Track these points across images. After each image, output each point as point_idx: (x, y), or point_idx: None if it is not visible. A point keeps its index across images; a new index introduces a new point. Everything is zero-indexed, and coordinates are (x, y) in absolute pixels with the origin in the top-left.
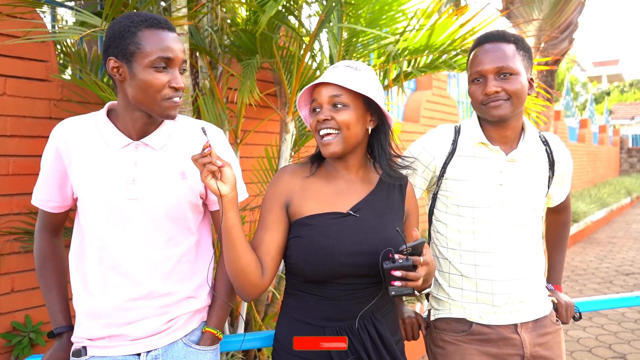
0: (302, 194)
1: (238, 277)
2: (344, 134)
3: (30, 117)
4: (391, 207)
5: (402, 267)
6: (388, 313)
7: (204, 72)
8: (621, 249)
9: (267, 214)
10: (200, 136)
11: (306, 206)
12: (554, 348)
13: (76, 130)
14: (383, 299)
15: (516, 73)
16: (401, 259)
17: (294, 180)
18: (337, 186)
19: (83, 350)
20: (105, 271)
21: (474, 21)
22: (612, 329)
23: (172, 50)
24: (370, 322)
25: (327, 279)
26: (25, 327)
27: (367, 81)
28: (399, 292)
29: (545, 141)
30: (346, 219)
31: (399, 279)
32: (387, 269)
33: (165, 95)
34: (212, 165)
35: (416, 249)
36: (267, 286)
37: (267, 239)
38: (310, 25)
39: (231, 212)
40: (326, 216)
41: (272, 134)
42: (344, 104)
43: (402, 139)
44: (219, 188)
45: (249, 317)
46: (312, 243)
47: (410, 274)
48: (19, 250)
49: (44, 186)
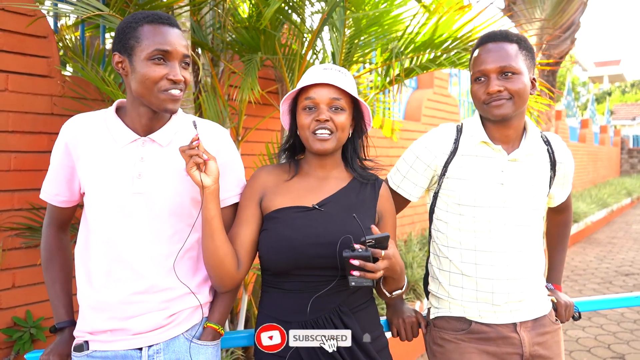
0: (274, 189)
1: (215, 267)
2: (339, 136)
3: (32, 113)
4: (360, 205)
5: (361, 257)
6: (363, 309)
7: (206, 69)
8: (621, 249)
9: (243, 210)
10: (208, 133)
11: (276, 201)
12: (553, 347)
13: (85, 126)
14: (354, 295)
15: (519, 73)
16: (361, 249)
17: (269, 177)
18: (309, 183)
19: (85, 345)
20: (110, 265)
21: (477, 20)
22: (611, 329)
23: (170, 44)
24: (337, 316)
25: (290, 269)
26: (26, 323)
27: (354, 87)
28: (359, 282)
29: (547, 141)
30: (311, 213)
31: (357, 269)
32: (345, 257)
33: (162, 86)
34: (197, 158)
35: (380, 242)
36: (242, 278)
37: (242, 233)
38: (312, 23)
39: (212, 204)
40: (292, 209)
41: (273, 131)
42: (342, 107)
43: (403, 138)
44: (201, 180)
45: (249, 314)
46: (276, 234)
47: (369, 264)
48: (20, 245)
49: (53, 181)
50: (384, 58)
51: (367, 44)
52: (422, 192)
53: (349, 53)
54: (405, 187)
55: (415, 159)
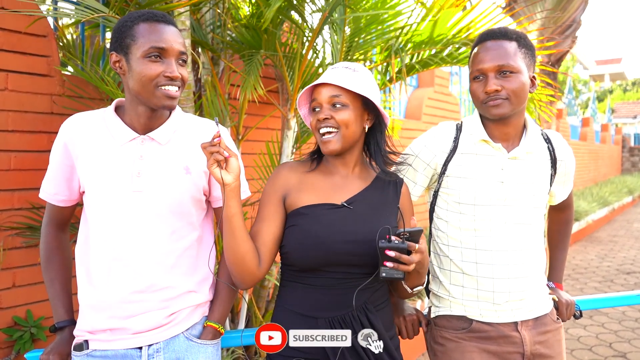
0: (299, 187)
1: (236, 264)
2: (343, 133)
3: (32, 112)
4: (385, 203)
5: (397, 249)
6: (383, 308)
7: (206, 68)
8: (622, 247)
9: (264, 207)
10: (207, 131)
11: (302, 198)
12: (554, 346)
13: (84, 125)
14: (377, 293)
15: (517, 71)
16: (397, 241)
17: (292, 174)
18: (334, 181)
19: (85, 344)
20: (110, 263)
21: (476, 13)
22: (613, 328)
23: (166, 41)
24: (364, 313)
25: (318, 266)
26: (27, 322)
27: (365, 82)
28: (390, 274)
29: (547, 139)
30: (340, 210)
31: (392, 260)
32: (382, 248)
33: (158, 83)
34: (218, 155)
35: (413, 235)
36: (263, 275)
37: (264, 230)
38: (312, 22)
39: (232, 201)
40: (320, 207)
41: (274, 130)
42: (343, 103)
43: (404, 137)
44: (222, 177)
45: (249, 314)
46: (305, 230)
47: (404, 256)
48: (20, 245)
49: (52, 180)
50: (383, 56)
51: (367, 42)
52: (422, 191)
53: (349, 52)
54: None
55: (415, 157)
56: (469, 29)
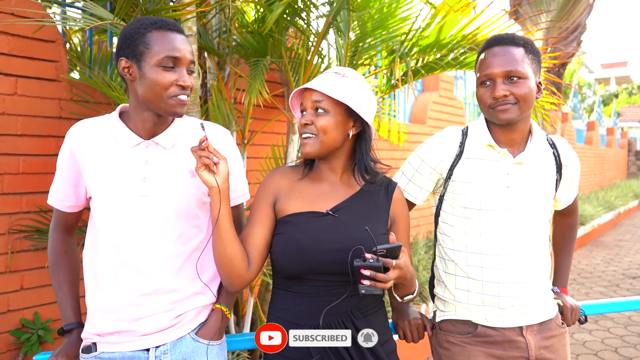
0: (287, 193)
1: (224, 266)
2: (321, 138)
3: (41, 116)
4: (373, 210)
5: (372, 267)
6: (373, 313)
7: (212, 73)
8: (628, 252)
9: (256, 210)
10: (211, 134)
11: (290, 205)
12: (560, 351)
13: (89, 131)
14: (366, 300)
15: (524, 77)
16: (372, 259)
17: (283, 180)
18: (321, 188)
19: (93, 347)
20: (117, 267)
21: (482, 19)
22: (619, 333)
23: (179, 50)
24: (349, 319)
25: (302, 274)
26: (34, 325)
27: (352, 88)
28: (369, 291)
29: (552, 144)
30: (325, 218)
31: (368, 279)
32: (356, 267)
33: (171, 92)
34: (206, 159)
35: (391, 252)
36: (253, 278)
37: (254, 233)
38: (317, 27)
39: (219, 204)
40: (306, 214)
41: (279, 134)
42: (325, 109)
43: (409, 141)
44: (209, 180)
45: (254, 317)
46: (290, 238)
47: (379, 275)
48: (28, 248)
49: (59, 186)
50: (388, 60)
51: (372, 47)
52: (427, 196)
53: (354, 56)
54: (410, 191)
55: (420, 162)
56: (475, 35)
